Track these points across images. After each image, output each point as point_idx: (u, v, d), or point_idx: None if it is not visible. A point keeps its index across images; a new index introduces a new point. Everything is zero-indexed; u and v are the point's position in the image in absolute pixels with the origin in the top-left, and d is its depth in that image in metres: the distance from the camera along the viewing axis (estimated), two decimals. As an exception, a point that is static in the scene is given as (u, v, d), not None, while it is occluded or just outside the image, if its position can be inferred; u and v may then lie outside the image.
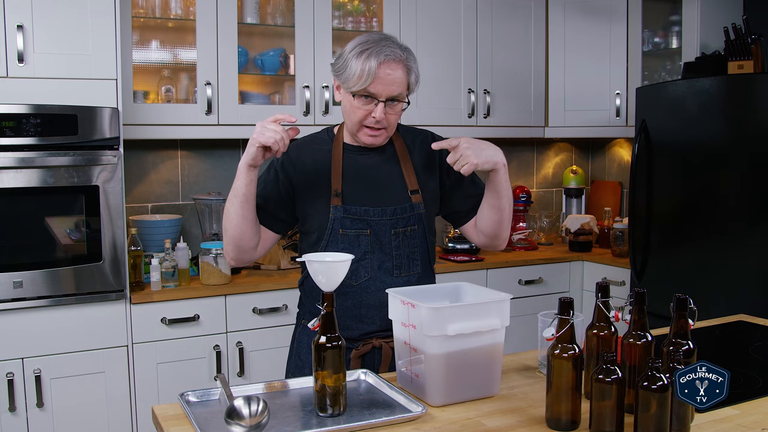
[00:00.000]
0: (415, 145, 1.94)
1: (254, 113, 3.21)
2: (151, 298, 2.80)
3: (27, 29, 2.57)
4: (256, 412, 1.40)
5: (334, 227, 1.82)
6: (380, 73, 1.72)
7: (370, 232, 1.82)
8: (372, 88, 1.73)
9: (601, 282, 1.48)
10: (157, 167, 3.37)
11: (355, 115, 1.78)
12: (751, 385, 1.60)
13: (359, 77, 1.72)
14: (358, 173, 1.86)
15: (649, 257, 3.33)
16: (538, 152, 4.38)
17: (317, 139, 1.94)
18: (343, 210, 1.81)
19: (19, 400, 2.59)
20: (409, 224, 1.86)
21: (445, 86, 3.65)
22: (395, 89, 1.76)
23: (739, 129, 2.95)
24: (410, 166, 1.89)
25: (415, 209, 1.87)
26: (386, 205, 1.83)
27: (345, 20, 3.51)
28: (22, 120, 2.53)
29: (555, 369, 1.35)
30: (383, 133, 1.82)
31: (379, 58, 1.72)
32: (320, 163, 1.87)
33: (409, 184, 1.88)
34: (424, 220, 1.88)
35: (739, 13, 3.51)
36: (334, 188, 1.83)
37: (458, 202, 1.96)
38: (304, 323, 1.93)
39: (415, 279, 1.87)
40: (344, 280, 1.74)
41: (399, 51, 1.76)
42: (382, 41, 1.76)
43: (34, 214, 2.61)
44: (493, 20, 3.75)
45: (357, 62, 1.72)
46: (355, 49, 1.75)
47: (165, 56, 3.22)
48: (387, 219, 1.82)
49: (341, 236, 1.81)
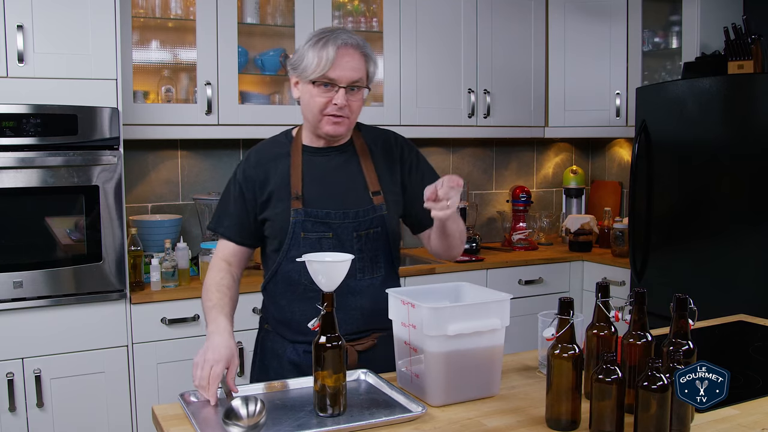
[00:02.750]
0: (377, 145, 1.90)
1: (254, 113, 3.21)
2: (151, 298, 2.80)
3: (27, 29, 2.57)
4: (254, 412, 1.40)
5: (295, 231, 1.78)
6: (339, 59, 1.71)
7: (332, 235, 1.78)
8: (331, 73, 1.72)
9: (601, 282, 1.48)
10: (157, 167, 3.37)
11: (316, 105, 1.74)
12: (751, 385, 1.60)
13: (317, 64, 1.71)
14: (319, 175, 1.82)
15: (649, 257, 3.33)
16: (538, 152, 4.38)
17: (276, 142, 1.91)
18: (304, 213, 1.77)
19: (19, 400, 2.59)
20: (371, 226, 1.81)
21: (445, 86, 3.65)
22: (355, 75, 1.74)
23: (739, 129, 2.95)
24: (371, 166, 1.85)
25: (377, 211, 1.82)
26: (348, 207, 1.79)
27: (345, 20, 3.51)
28: (22, 120, 2.53)
29: (555, 369, 1.35)
30: (345, 121, 1.77)
31: (337, 43, 1.71)
32: (279, 166, 1.84)
33: (371, 186, 1.83)
34: (386, 222, 1.83)
35: (739, 13, 3.51)
36: (294, 191, 1.79)
37: (417, 209, 1.85)
38: (267, 327, 1.91)
39: (378, 282, 1.83)
40: (306, 284, 1.75)
41: (356, 38, 1.76)
42: (337, 30, 1.76)
43: (34, 214, 2.61)
44: (493, 20, 3.75)
45: (314, 51, 1.72)
46: (311, 40, 1.74)
47: (165, 56, 3.22)
48: (349, 222, 1.78)
49: (303, 240, 1.77)
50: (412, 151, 1.95)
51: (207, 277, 1.85)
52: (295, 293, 1.81)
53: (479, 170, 4.19)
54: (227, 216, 1.87)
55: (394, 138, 1.94)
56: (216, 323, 1.70)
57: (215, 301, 1.76)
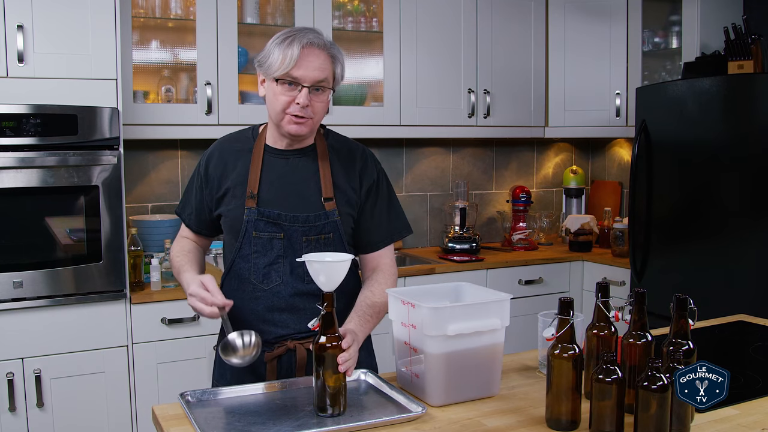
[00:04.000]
0: (340, 153, 1.86)
1: (254, 113, 3.21)
2: (151, 298, 2.80)
3: (27, 29, 2.57)
4: (250, 343, 1.53)
5: (247, 229, 1.78)
6: (303, 58, 1.70)
7: (283, 235, 1.78)
8: (295, 72, 1.70)
9: (601, 282, 1.48)
10: (157, 167, 3.37)
11: (279, 103, 1.73)
12: (751, 385, 1.60)
13: (282, 62, 1.69)
14: (276, 176, 1.82)
15: (649, 257, 3.33)
16: (538, 152, 4.38)
17: (241, 136, 1.91)
18: (257, 212, 1.77)
19: (19, 400, 2.59)
20: (323, 232, 1.79)
21: (445, 86, 3.65)
22: (319, 74, 1.72)
23: (739, 129, 2.95)
24: (329, 172, 1.82)
25: (330, 217, 1.79)
26: (299, 211, 1.78)
27: (345, 20, 3.51)
28: (22, 120, 2.53)
29: (555, 369, 1.35)
30: (309, 122, 1.75)
31: (302, 42, 1.70)
32: (239, 163, 1.84)
33: (324, 191, 1.80)
34: (340, 228, 1.80)
35: (739, 13, 3.51)
36: (250, 190, 1.79)
37: (362, 230, 1.87)
38: None
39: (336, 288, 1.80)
40: (255, 284, 1.78)
41: (323, 39, 1.75)
42: (305, 29, 1.75)
43: (34, 214, 2.61)
44: (493, 20, 3.75)
45: (279, 49, 1.71)
46: (279, 38, 1.74)
47: (165, 56, 3.22)
48: (299, 225, 1.78)
49: (254, 238, 1.78)
50: (374, 171, 1.88)
51: (171, 250, 1.94)
52: (245, 291, 1.81)
53: (479, 170, 4.19)
54: (189, 204, 1.93)
55: (361, 151, 1.89)
56: (188, 278, 1.76)
57: (181, 265, 1.84)
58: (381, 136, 3.55)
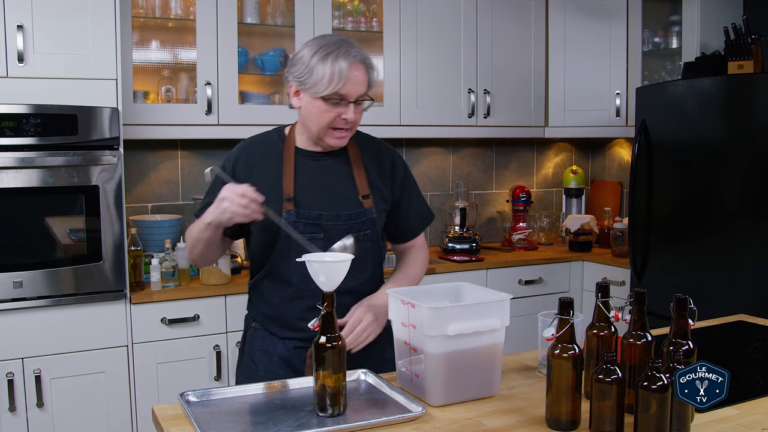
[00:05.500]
0: (368, 152, 1.93)
1: (254, 113, 3.21)
2: (151, 298, 2.80)
3: (27, 29, 2.57)
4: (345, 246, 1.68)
5: None
6: (350, 75, 1.72)
7: (323, 236, 1.80)
8: (343, 90, 1.72)
9: (601, 282, 1.48)
10: (157, 167, 3.37)
11: (324, 119, 1.76)
12: (751, 385, 1.60)
13: (329, 80, 1.70)
14: (311, 178, 1.84)
15: (649, 257, 3.33)
16: (538, 152, 4.38)
17: (268, 140, 1.91)
18: (296, 214, 1.78)
19: (19, 400, 2.59)
20: (362, 229, 1.84)
21: (445, 86, 3.65)
22: (362, 89, 1.76)
23: (739, 129, 2.95)
24: (362, 171, 1.88)
25: (368, 214, 1.85)
26: (340, 210, 1.82)
27: (345, 20, 3.51)
28: (22, 120, 2.53)
29: (555, 369, 1.35)
30: (349, 133, 1.81)
31: (348, 59, 1.71)
32: (271, 167, 1.84)
33: (361, 189, 1.86)
34: (376, 224, 1.87)
35: (739, 13, 3.51)
36: (287, 193, 1.80)
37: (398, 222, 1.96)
38: (255, 326, 1.92)
39: (362, 282, 1.86)
40: (297, 285, 1.79)
41: (361, 52, 1.76)
42: (341, 43, 1.75)
43: (34, 214, 2.61)
44: (493, 20, 3.75)
45: (324, 66, 1.71)
46: (318, 53, 1.72)
47: (165, 56, 3.22)
48: (341, 224, 1.80)
49: (294, 240, 1.77)
50: (401, 165, 1.98)
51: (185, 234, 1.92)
52: (286, 292, 1.82)
53: (479, 170, 4.19)
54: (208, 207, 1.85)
55: (385, 148, 1.97)
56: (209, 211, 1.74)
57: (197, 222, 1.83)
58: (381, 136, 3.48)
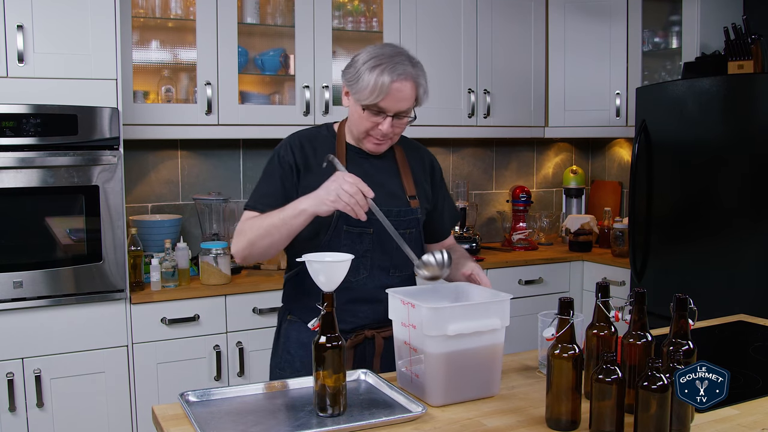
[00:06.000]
0: (413, 156, 2.00)
1: (254, 113, 3.21)
2: (151, 298, 2.80)
3: (27, 29, 2.57)
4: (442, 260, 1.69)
5: (339, 224, 1.83)
6: (392, 90, 1.75)
7: (372, 231, 1.84)
8: (382, 103, 1.76)
9: (601, 282, 1.48)
10: (157, 167, 3.37)
11: (362, 126, 1.83)
12: (751, 385, 1.60)
13: (371, 92, 1.74)
14: (363, 174, 1.84)
15: (649, 257, 3.33)
16: (538, 152, 4.38)
17: (319, 135, 1.95)
18: None
19: (19, 400, 2.59)
20: (408, 227, 1.90)
21: (445, 86, 3.65)
22: (403, 105, 1.79)
23: (739, 129, 2.95)
24: (409, 173, 1.95)
25: (415, 213, 1.91)
26: (390, 206, 1.86)
27: (345, 20, 3.51)
28: (22, 120, 2.53)
29: (555, 369, 1.35)
30: (387, 142, 1.87)
31: (392, 76, 1.74)
32: (322, 157, 1.85)
33: (408, 189, 1.93)
34: (420, 224, 1.94)
35: (739, 13, 3.51)
36: None
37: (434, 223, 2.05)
38: (291, 318, 1.93)
39: (403, 280, 1.91)
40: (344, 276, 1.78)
41: (411, 68, 1.78)
42: (395, 57, 1.77)
43: (34, 214, 2.61)
44: (493, 20, 3.75)
45: (370, 76, 1.74)
46: (369, 62, 1.76)
47: (165, 56, 3.22)
48: (392, 220, 1.81)
49: (345, 233, 1.83)
50: (437, 166, 2.07)
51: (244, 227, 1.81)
52: None
53: (479, 170, 4.19)
54: (270, 196, 1.85)
55: (424, 149, 2.07)
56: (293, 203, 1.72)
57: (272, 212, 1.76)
58: (381, 136, 3.54)
